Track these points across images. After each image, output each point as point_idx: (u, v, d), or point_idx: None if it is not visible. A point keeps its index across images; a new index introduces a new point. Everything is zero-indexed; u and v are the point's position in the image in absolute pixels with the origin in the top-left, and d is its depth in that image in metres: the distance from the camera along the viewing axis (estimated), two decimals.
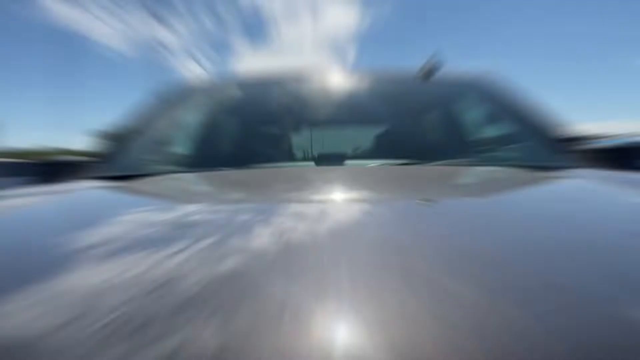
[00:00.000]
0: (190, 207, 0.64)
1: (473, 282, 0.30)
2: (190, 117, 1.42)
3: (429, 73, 1.34)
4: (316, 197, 0.67)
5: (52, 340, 0.24)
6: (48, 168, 1.09)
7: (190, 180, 0.95)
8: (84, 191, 0.83)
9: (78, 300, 0.29)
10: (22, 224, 0.59)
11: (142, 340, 0.23)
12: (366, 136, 1.43)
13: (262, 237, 0.40)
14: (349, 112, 1.38)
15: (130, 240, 0.45)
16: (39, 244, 0.47)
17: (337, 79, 1.45)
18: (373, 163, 1.05)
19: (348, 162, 1.13)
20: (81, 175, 0.95)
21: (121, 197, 0.83)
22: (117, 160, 1.07)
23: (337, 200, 0.65)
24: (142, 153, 1.17)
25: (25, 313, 0.28)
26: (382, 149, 1.29)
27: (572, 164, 0.90)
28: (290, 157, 1.25)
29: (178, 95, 1.40)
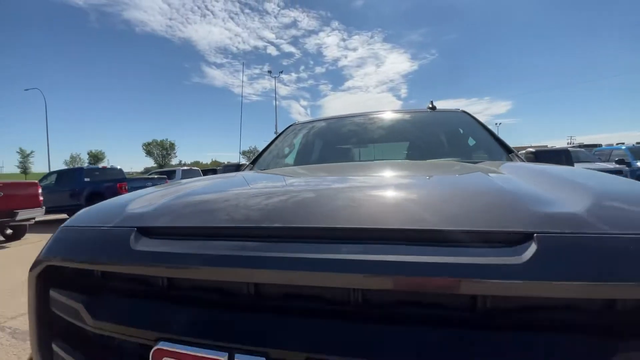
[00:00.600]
0: (303, 174, 1.30)
1: (409, 193, 0.73)
2: (296, 140, 2.42)
3: (431, 108, 2.29)
4: (361, 172, 1.23)
5: (265, 207, 0.68)
6: (223, 169, 2.32)
7: (298, 170, 1.63)
8: (246, 172, 1.74)
9: (266, 197, 0.77)
10: (227, 181, 1.16)
11: (306, 210, 0.61)
12: (395, 146, 2.31)
13: (343, 178, 1.05)
14: (386, 133, 2.24)
15: (275, 184, 1.09)
16: (235, 184, 1.09)
17: (378, 115, 2.34)
18: (396, 160, 1.90)
19: (383, 160, 1.98)
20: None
21: (263, 174, 1.51)
22: (256, 164, 2.13)
23: (373, 173, 1.18)
24: (270, 159, 2.16)
25: (235, 202, 0.73)
26: (402, 152, 2.13)
27: (502, 160, 1.60)
28: (349, 159, 2.14)
29: (289, 128, 2.55)
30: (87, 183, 9.64)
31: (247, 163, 2.28)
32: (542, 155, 1.79)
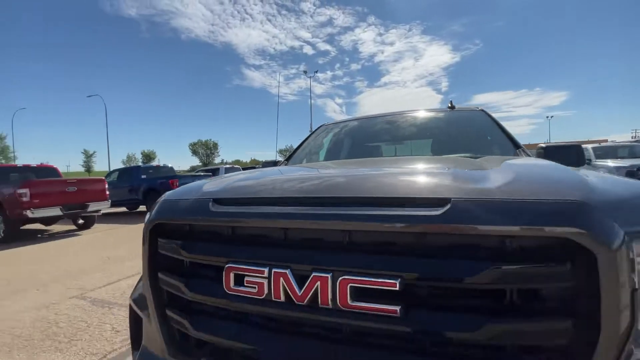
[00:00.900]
0: (327, 166, 1.59)
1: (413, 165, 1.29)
2: (325, 139, 2.76)
3: (451, 108, 2.47)
4: (374, 165, 1.48)
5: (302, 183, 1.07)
6: (262, 165, 2.85)
7: (325, 163, 2.10)
8: (281, 166, 2.20)
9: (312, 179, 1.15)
10: (267, 170, 1.43)
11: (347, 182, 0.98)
12: (413, 144, 2.56)
13: (356, 169, 1.35)
14: (406, 132, 2.54)
15: (302, 172, 1.46)
16: (272, 172, 1.34)
17: (400, 116, 2.65)
18: (408, 156, 2.26)
19: (397, 157, 2.34)
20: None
21: (295, 167, 1.93)
22: (289, 160, 2.52)
23: (382, 165, 1.44)
24: (302, 156, 2.53)
25: (271, 182, 1.12)
26: (419, 149, 2.47)
27: (509, 154, 1.84)
28: (371, 155, 2.44)
29: (319, 128, 2.96)
30: (144, 180, 10.73)
31: (283, 160, 2.64)
32: (551, 151, 1.90)
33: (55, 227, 8.80)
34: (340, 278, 0.68)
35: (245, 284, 0.77)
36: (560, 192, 0.69)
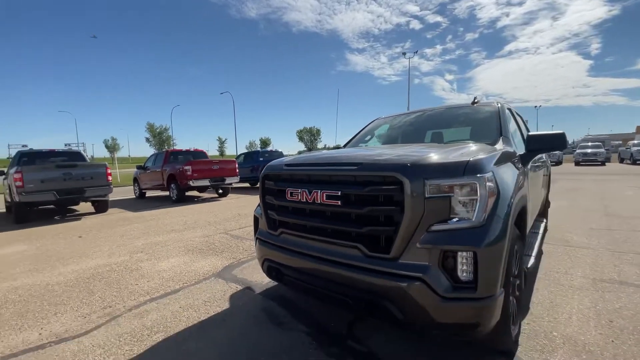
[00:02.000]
0: (356, 147, 3.26)
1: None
2: (376, 130, 3.67)
3: (474, 103, 3.15)
4: (382, 148, 2.59)
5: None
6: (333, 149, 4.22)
7: (351, 149, 3.19)
8: (334, 149, 3.73)
9: None
10: (315, 153, 2.33)
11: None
12: (432, 133, 3.24)
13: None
14: (437, 122, 3.34)
15: (332, 152, 2.72)
16: (329, 152, 2.69)
17: (434, 110, 3.49)
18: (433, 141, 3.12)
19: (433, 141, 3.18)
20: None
21: (331, 150, 3.08)
22: (347, 145, 3.57)
23: (390, 148, 2.64)
24: (357, 140, 3.55)
25: (322, 156, 2.17)
26: (438, 135, 3.16)
27: (492, 140, 2.46)
28: (404, 141, 3.26)
29: (374, 121, 3.88)
30: (261, 161, 13.43)
31: (343, 145, 3.76)
32: (534, 139, 2.47)
33: (204, 195, 12.12)
34: (321, 191, 1.82)
35: (290, 196, 1.99)
36: (409, 160, 1.65)
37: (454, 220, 1.53)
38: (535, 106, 64.31)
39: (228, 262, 3.81)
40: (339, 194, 1.74)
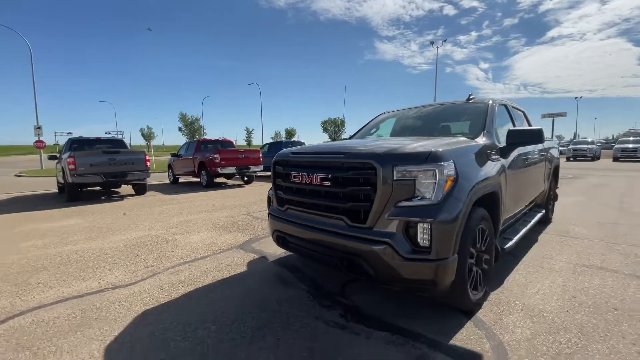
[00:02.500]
0: (356, 139, 3.58)
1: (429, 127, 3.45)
2: (381, 124, 4.07)
3: (468, 99, 3.48)
4: (375, 140, 3.15)
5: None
6: None
7: (354, 140, 3.53)
8: (341, 140, 4.13)
9: None
10: (320, 144, 2.81)
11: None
12: (429, 127, 3.55)
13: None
14: (433, 117, 3.62)
15: (334, 142, 3.41)
16: (321, 144, 2.74)
17: (432, 106, 3.88)
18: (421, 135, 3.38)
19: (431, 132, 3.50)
20: None
21: (333, 141, 3.75)
22: (353, 136, 4.08)
23: (384, 139, 3.00)
24: (363, 133, 4.00)
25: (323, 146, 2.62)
26: (432, 130, 3.46)
27: (476, 134, 2.80)
28: (400, 134, 3.65)
29: (378, 116, 4.30)
30: None
31: (349, 137, 4.16)
32: (512, 134, 2.78)
33: (231, 182, 12.93)
34: (316, 174, 2.26)
35: (294, 178, 2.45)
36: (382, 151, 2.05)
37: (417, 198, 1.93)
38: (576, 97, 60.14)
39: (248, 237, 4.39)
40: (330, 176, 2.18)
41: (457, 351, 1.86)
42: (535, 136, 2.70)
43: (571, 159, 24.62)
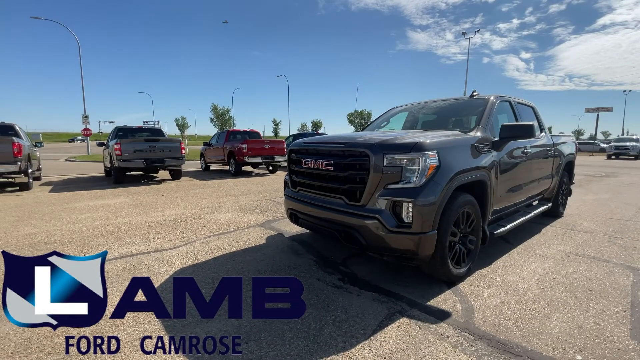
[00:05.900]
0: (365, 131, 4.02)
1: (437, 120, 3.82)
2: (392, 117, 4.40)
3: (472, 96, 3.73)
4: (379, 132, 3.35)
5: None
6: None
7: (362, 132, 3.99)
8: (352, 132, 5.16)
9: None
10: (331, 135, 3.25)
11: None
12: (434, 121, 3.84)
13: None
14: (437, 111, 3.92)
15: (343, 134, 3.72)
16: (331, 135, 3.15)
17: (438, 101, 4.15)
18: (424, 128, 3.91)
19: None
20: None
21: (343, 133, 3.87)
22: (364, 128, 4.47)
23: (385, 132, 3.53)
24: (375, 126, 4.32)
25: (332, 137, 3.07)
26: (437, 124, 3.81)
27: (470, 128, 3.15)
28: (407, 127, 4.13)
29: (390, 110, 4.63)
30: None
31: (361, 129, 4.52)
32: (504, 129, 3.03)
33: (257, 170, 13.65)
34: (322, 161, 2.68)
35: (304, 164, 2.89)
36: (376, 141, 2.42)
37: (403, 181, 2.30)
38: (624, 91, 55.55)
39: (269, 217, 4.91)
40: (332, 162, 2.60)
41: (431, 309, 2.24)
42: (526, 131, 2.94)
43: (613, 156, 23.36)
